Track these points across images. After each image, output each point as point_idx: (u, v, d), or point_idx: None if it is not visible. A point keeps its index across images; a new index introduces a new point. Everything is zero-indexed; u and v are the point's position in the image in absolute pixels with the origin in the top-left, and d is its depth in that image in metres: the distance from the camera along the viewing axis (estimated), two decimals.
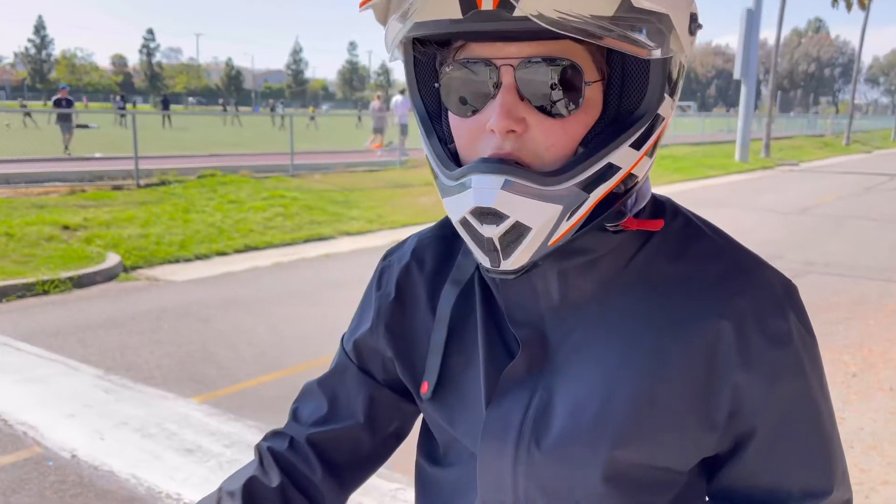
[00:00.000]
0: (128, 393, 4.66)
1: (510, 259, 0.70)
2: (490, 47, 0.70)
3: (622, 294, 0.78)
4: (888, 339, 5.91)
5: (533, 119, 0.69)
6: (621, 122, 0.70)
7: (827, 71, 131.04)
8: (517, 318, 0.80)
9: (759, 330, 0.74)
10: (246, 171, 14.38)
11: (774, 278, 0.78)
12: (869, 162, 29.77)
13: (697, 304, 0.76)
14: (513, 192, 0.67)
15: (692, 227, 0.82)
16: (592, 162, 0.69)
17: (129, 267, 8.22)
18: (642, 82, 0.70)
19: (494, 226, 0.68)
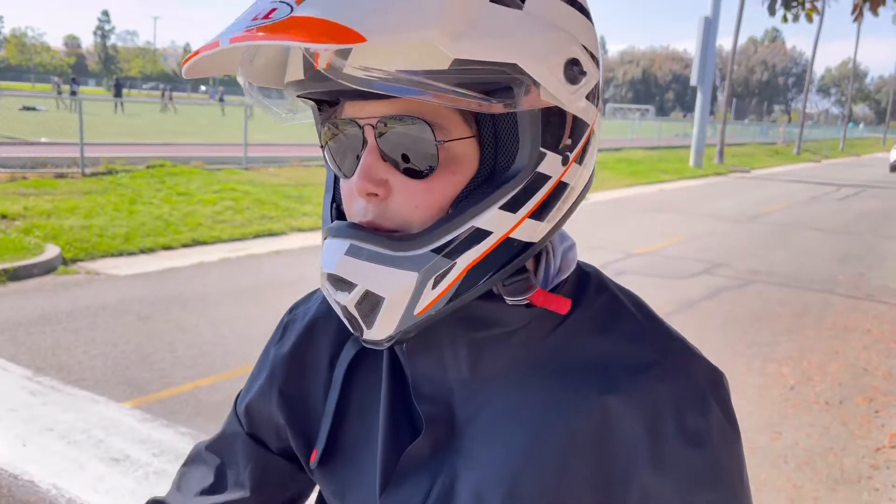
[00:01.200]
0: (56, 396, 4.48)
1: (373, 329, 0.66)
2: (355, 106, 0.67)
3: (536, 373, 0.71)
4: (826, 353, 6.03)
5: (396, 180, 0.65)
6: (492, 183, 0.65)
7: (781, 80, 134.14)
8: (423, 391, 0.74)
9: (676, 427, 0.68)
10: (198, 162, 14.08)
11: (698, 367, 0.71)
12: (817, 171, 30.55)
13: (614, 391, 0.69)
14: (358, 259, 0.64)
15: (616, 305, 0.75)
16: (454, 226, 0.64)
17: (68, 260, 7.95)
18: (514, 139, 0.65)
19: (346, 293, 0.65)
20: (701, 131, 26.12)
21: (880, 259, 10.55)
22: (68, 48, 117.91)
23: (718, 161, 28.34)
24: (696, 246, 10.72)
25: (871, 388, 5.27)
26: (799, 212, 15.86)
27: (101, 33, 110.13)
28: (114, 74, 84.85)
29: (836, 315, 7.26)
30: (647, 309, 0.76)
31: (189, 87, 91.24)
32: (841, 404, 4.96)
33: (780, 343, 6.23)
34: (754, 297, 7.80)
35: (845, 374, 5.55)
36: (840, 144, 52.87)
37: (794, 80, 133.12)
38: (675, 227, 12.14)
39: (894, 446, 4.35)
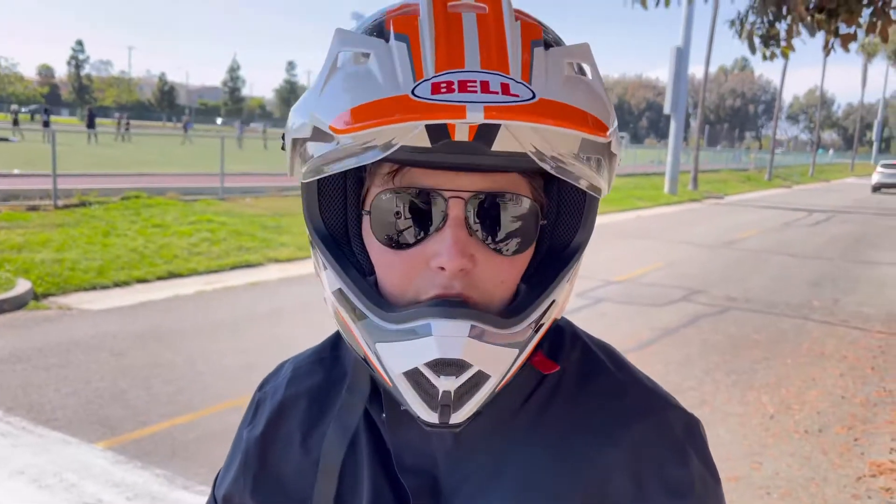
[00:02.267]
0: (27, 437, 4.36)
1: (461, 411, 0.63)
2: (438, 176, 0.63)
3: (519, 436, 0.72)
4: (803, 381, 6.06)
5: (482, 255, 0.65)
6: (559, 256, 0.69)
7: (751, 107, 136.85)
8: (407, 463, 0.72)
9: (659, 481, 0.69)
10: (173, 193, 13.97)
11: (675, 418, 0.73)
12: (789, 197, 31.05)
13: (596, 449, 0.71)
14: (479, 340, 0.61)
15: (591, 359, 0.77)
16: (543, 299, 0.66)
17: (40, 294, 7.80)
18: (577, 214, 0.69)
19: (454, 377, 0.61)
20: (675, 158, 26.49)
21: (853, 284, 10.69)
22: (42, 78, 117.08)
23: (693, 188, 28.72)
24: (673, 273, 10.80)
25: (850, 416, 5.30)
26: (772, 237, 16.07)
27: (76, 63, 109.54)
28: (87, 104, 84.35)
29: (813, 341, 7.32)
30: (619, 359, 0.78)
31: (164, 117, 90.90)
32: (820, 433, 4.98)
33: (758, 371, 6.26)
34: (732, 324, 7.86)
35: (823, 401, 5.58)
36: (810, 170, 53.85)
37: (764, 107, 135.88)
38: (653, 254, 12.22)
39: (875, 475, 4.36)
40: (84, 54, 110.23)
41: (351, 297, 0.67)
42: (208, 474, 3.98)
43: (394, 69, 0.57)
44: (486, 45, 0.58)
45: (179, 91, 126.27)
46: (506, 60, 0.57)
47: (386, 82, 0.56)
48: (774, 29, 6.87)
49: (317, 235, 0.70)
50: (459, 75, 0.55)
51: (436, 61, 0.56)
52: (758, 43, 6.89)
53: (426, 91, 0.54)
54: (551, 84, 0.57)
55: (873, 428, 5.12)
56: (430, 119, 0.53)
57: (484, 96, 0.53)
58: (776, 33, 6.88)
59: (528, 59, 0.58)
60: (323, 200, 0.71)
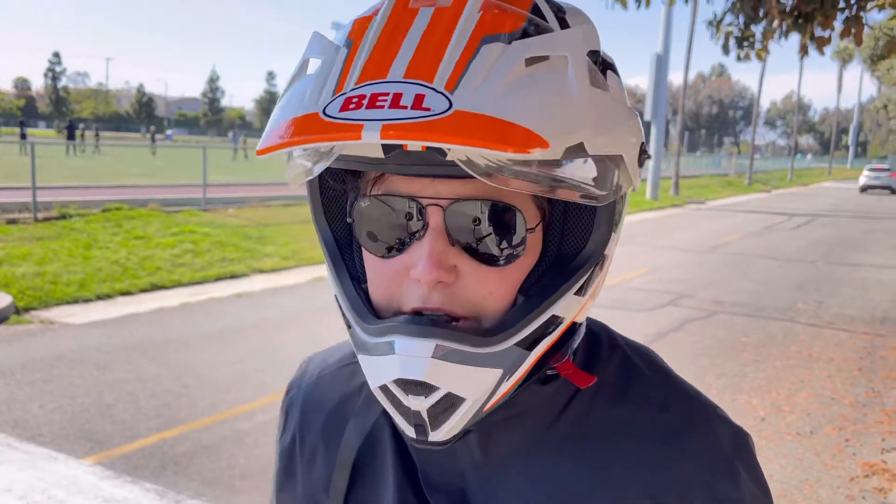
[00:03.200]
0: (12, 454, 4.27)
1: (440, 431, 0.60)
2: (414, 183, 0.61)
3: (553, 451, 0.68)
4: (793, 382, 6.09)
5: (466, 266, 0.60)
6: (564, 268, 0.63)
7: (730, 113, 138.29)
8: (433, 479, 0.70)
9: (708, 498, 0.65)
10: (155, 204, 13.85)
11: (723, 432, 0.69)
12: (769, 201, 31.38)
13: (637, 466, 0.66)
14: (446, 360, 0.57)
15: (630, 368, 0.72)
16: (535, 316, 0.61)
17: (21, 308, 7.67)
18: (587, 223, 0.64)
19: (423, 397, 0.59)
20: (656, 165, 26.70)
21: (836, 286, 10.79)
22: (18, 90, 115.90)
23: (674, 193, 28.94)
24: (659, 277, 10.84)
25: (840, 417, 5.33)
26: (755, 241, 16.20)
27: (52, 75, 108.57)
28: (65, 116, 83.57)
29: (800, 344, 7.36)
30: (660, 367, 0.74)
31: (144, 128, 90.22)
32: (812, 434, 4.99)
33: (747, 374, 6.29)
34: (719, 328, 7.89)
35: (813, 403, 5.61)
36: (788, 175, 54.49)
37: (742, 113, 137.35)
38: (638, 260, 12.27)
39: (868, 475, 4.38)
40: (61, 66, 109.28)
41: (342, 304, 0.66)
42: (199, 487, 3.92)
43: (326, 81, 0.56)
44: (424, 47, 0.54)
45: (158, 102, 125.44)
46: (435, 66, 0.52)
47: (309, 97, 0.55)
48: (749, 31, 6.94)
49: (322, 239, 0.70)
50: (375, 87, 0.52)
51: (362, 71, 0.54)
52: (732, 44, 6.96)
53: (336, 108, 0.52)
54: (484, 90, 0.51)
55: (863, 428, 5.15)
56: (328, 140, 0.51)
57: (390, 112, 0.50)
58: (751, 35, 6.96)
59: (463, 62, 0.52)
60: (328, 206, 0.70)
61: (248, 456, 4.32)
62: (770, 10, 6.28)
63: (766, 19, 6.55)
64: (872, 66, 26.20)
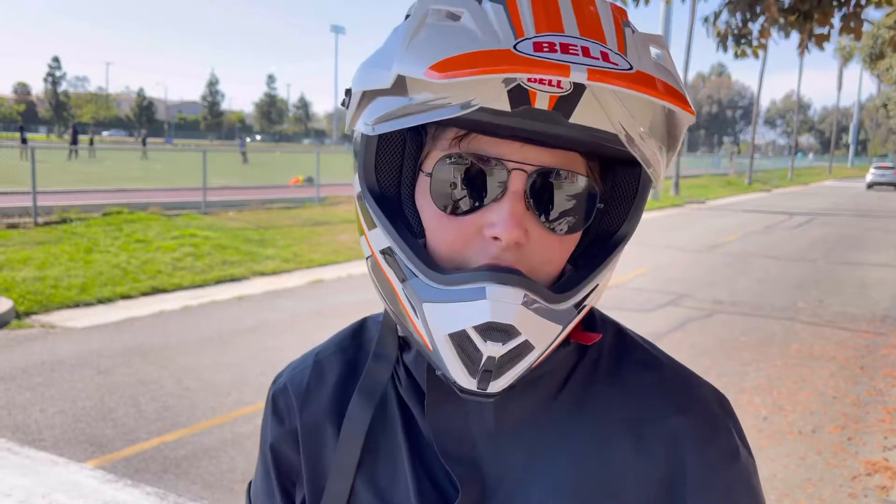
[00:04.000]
0: (13, 458, 4.27)
1: (500, 380, 0.63)
2: (503, 146, 0.63)
3: (562, 415, 0.72)
4: (794, 381, 6.09)
5: (535, 231, 0.64)
6: (606, 242, 0.69)
7: (729, 112, 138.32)
8: (448, 449, 0.70)
9: (709, 447, 0.71)
10: (155, 208, 13.85)
11: (710, 392, 0.76)
12: (769, 200, 31.36)
13: (640, 426, 0.71)
14: (531, 310, 0.61)
15: (625, 337, 0.79)
16: (588, 282, 0.66)
17: (22, 313, 7.67)
18: (628, 201, 0.69)
19: (500, 343, 0.60)
20: None
21: (837, 285, 10.78)
22: (18, 95, 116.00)
23: (674, 193, 28.93)
24: (659, 277, 10.83)
25: (842, 416, 5.32)
26: (755, 241, 16.19)
27: (52, 80, 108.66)
28: (67, 121, 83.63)
29: (801, 342, 7.36)
30: (647, 340, 0.82)
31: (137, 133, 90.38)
32: (814, 433, 4.99)
33: (748, 373, 6.28)
34: (720, 327, 7.88)
35: (815, 402, 5.60)
36: (788, 174, 54.45)
37: (741, 112, 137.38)
38: (638, 260, 12.26)
39: (870, 473, 4.37)
40: (61, 71, 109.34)
41: (401, 256, 0.66)
42: (200, 490, 3.92)
43: (492, 27, 0.56)
44: (582, 14, 0.58)
45: (158, 106, 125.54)
46: (601, 31, 0.57)
47: (485, 37, 0.55)
48: (746, 28, 6.94)
49: (369, 193, 0.69)
50: (561, 38, 0.54)
51: (535, 23, 0.56)
52: (729, 42, 6.95)
53: (528, 48, 0.53)
54: (644, 61, 0.56)
55: (865, 427, 5.14)
56: (535, 73, 0.51)
57: (587, 59, 0.52)
58: (748, 32, 6.96)
59: (621, 34, 0.58)
60: (379, 160, 0.69)
61: (249, 459, 4.32)
62: (767, 8, 6.28)
63: (763, 17, 6.55)
64: (871, 64, 26.20)
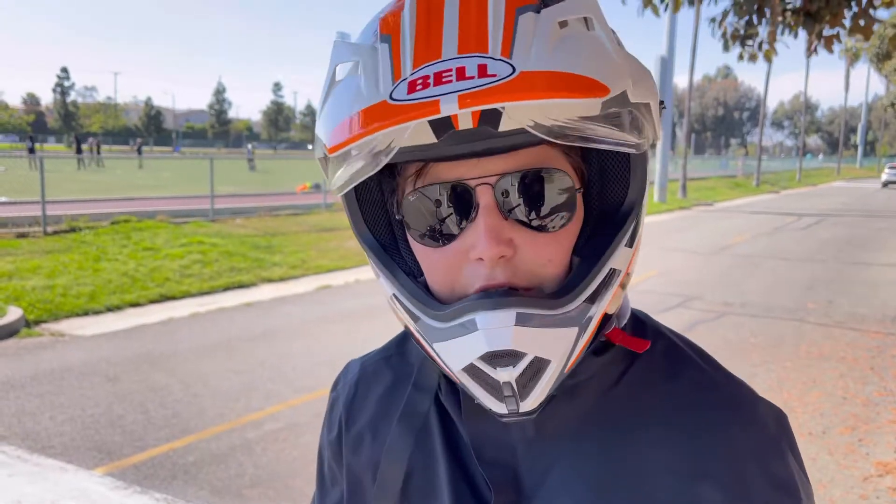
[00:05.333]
0: (23, 466, 4.28)
1: (528, 399, 0.62)
2: (459, 167, 0.63)
3: (605, 426, 0.69)
4: (804, 383, 6.05)
5: (521, 238, 0.63)
6: (610, 222, 0.66)
7: (736, 114, 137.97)
8: (486, 455, 0.70)
9: (763, 475, 0.66)
10: (163, 216, 13.92)
11: (767, 412, 0.71)
12: (777, 202, 31.24)
13: (688, 443, 0.67)
14: (527, 327, 0.60)
15: (677, 351, 0.74)
16: (597, 271, 0.63)
17: (32, 321, 7.72)
18: (623, 175, 0.66)
19: (511, 367, 0.60)
20: (663, 167, 26.66)
21: (846, 285, 10.72)
22: (27, 106, 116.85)
23: (682, 195, 28.85)
24: (668, 280, 10.80)
25: (853, 417, 5.28)
26: (764, 242, 16.13)
27: (61, 90, 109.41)
28: (74, 131, 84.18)
29: (810, 343, 7.31)
30: (704, 353, 0.76)
31: (152, 142, 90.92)
32: (824, 434, 4.95)
33: (758, 374, 6.24)
34: (729, 329, 7.85)
35: (825, 403, 5.56)
36: (797, 175, 54.24)
37: (749, 114, 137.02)
38: (647, 262, 12.23)
39: (881, 475, 4.33)
40: (69, 81, 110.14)
41: (404, 300, 0.67)
42: (209, 496, 3.92)
43: (377, 74, 0.58)
44: (466, 25, 0.57)
45: (166, 115, 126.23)
46: (485, 38, 0.55)
47: (368, 90, 0.57)
48: (753, 28, 6.91)
49: (365, 244, 0.72)
50: (436, 66, 0.54)
51: (414, 57, 0.56)
52: (736, 43, 6.93)
53: (403, 92, 0.54)
54: (537, 52, 0.54)
55: (876, 427, 5.10)
56: (407, 121, 0.53)
57: (459, 84, 0.52)
58: (754, 33, 6.93)
59: (510, 31, 0.56)
60: (366, 209, 0.72)
61: (257, 464, 4.32)
62: (773, 9, 6.27)
63: (770, 18, 6.53)
64: (878, 64, 26.09)
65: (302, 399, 5.37)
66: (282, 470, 4.26)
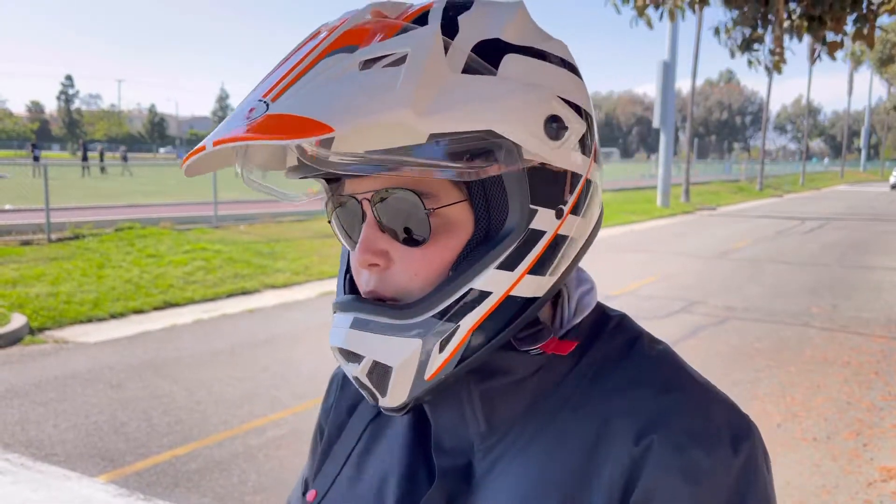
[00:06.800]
0: (26, 474, 4.29)
1: (387, 397, 0.68)
2: (352, 183, 0.71)
3: (550, 420, 0.71)
4: (808, 387, 6.03)
5: (396, 251, 0.68)
6: (487, 244, 0.66)
7: (739, 118, 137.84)
8: (445, 444, 0.74)
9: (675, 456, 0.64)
10: (167, 222, 13.94)
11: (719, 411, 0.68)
12: (781, 206, 31.19)
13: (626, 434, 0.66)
14: (363, 331, 0.66)
15: (635, 348, 0.74)
16: (452, 290, 0.65)
17: (35, 329, 7.73)
18: (504, 199, 0.66)
19: (356, 364, 0.67)
20: (666, 171, 26.60)
21: (850, 290, 10.70)
22: (31, 114, 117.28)
23: (685, 200, 28.82)
24: (670, 285, 10.79)
25: (857, 422, 5.26)
26: (767, 246, 16.10)
27: (65, 97, 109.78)
28: (79, 138, 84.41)
29: (814, 348, 7.30)
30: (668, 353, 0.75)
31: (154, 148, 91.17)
32: (829, 439, 4.94)
33: (761, 379, 6.23)
34: (732, 334, 7.83)
35: (829, 408, 5.55)
36: (800, 179, 54.16)
37: (751, 118, 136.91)
38: (649, 267, 12.22)
39: (886, 480, 4.32)
40: (73, 89, 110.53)
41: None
42: (211, 503, 3.92)
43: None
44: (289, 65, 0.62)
45: (170, 122, 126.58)
46: (278, 82, 0.60)
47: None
48: (756, 33, 6.92)
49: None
50: (243, 103, 0.61)
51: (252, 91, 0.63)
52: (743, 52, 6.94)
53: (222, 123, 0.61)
54: (297, 95, 0.58)
55: (881, 432, 5.08)
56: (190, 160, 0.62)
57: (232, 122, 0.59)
58: (759, 37, 6.94)
59: (298, 75, 0.60)
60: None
61: (260, 471, 4.33)
62: (778, 14, 6.27)
63: (775, 24, 6.54)
64: (881, 68, 26.07)
65: (305, 406, 5.37)
66: (285, 477, 4.26)
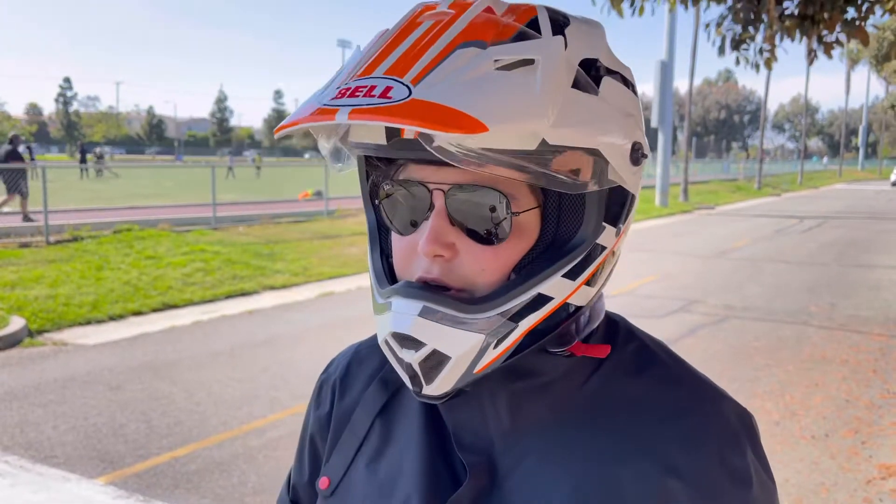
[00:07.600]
0: (25, 476, 4.29)
1: (432, 385, 0.69)
2: (425, 170, 0.70)
3: (574, 421, 0.74)
4: (807, 386, 6.04)
5: (463, 244, 0.69)
6: (555, 251, 0.70)
7: (736, 118, 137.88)
8: (465, 441, 0.75)
9: (720, 463, 0.70)
10: (165, 224, 13.94)
11: (729, 408, 0.75)
12: (779, 205, 31.21)
13: (651, 434, 0.71)
14: (430, 320, 0.67)
15: (646, 352, 0.79)
16: (520, 292, 0.67)
17: (34, 331, 7.73)
18: (578, 212, 0.69)
19: (413, 351, 0.68)
20: (665, 171, 26.61)
21: (849, 288, 10.71)
22: (30, 116, 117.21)
23: (683, 199, 28.84)
24: (669, 284, 10.80)
25: (855, 420, 5.27)
26: (766, 245, 16.12)
27: (63, 100, 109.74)
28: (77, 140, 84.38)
29: (813, 347, 7.31)
30: (674, 355, 0.80)
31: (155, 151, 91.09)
32: (827, 437, 4.95)
33: (760, 378, 6.24)
34: (731, 333, 7.84)
35: (828, 406, 5.56)
36: (798, 178, 54.19)
37: (749, 117, 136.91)
38: (648, 267, 12.23)
39: (884, 477, 4.33)
40: (72, 91, 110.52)
41: (369, 273, 0.78)
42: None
43: (333, 79, 0.66)
44: (409, 50, 0.62)
45: (168, 124, 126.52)
46: (411, 65, 0.60)
47: (324, 89, 0.65)
48: (747, 33, 6.92)
49: (368, 224, 0.81)
50: (360, 81, 0.61)
51: (359, 69, 0.63)
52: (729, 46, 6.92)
53: (329, 97, 0.60)
54: (443, 84, 0.58)
55: (879, 430, 5.09)
56: (309, 122, 0.60)
57: (364, 99, 0.58)
58: (749, 36, 6.93)
59: (435, 62, 0.60)
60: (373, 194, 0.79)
61: (259, 472, 4.33)
62: (770, 13, 6.27)
63: (767, 23, 6.54)
64: (878, 66, 26.12)
65: (304, 407, 5.36)
66: (284, 478, 4.26)
